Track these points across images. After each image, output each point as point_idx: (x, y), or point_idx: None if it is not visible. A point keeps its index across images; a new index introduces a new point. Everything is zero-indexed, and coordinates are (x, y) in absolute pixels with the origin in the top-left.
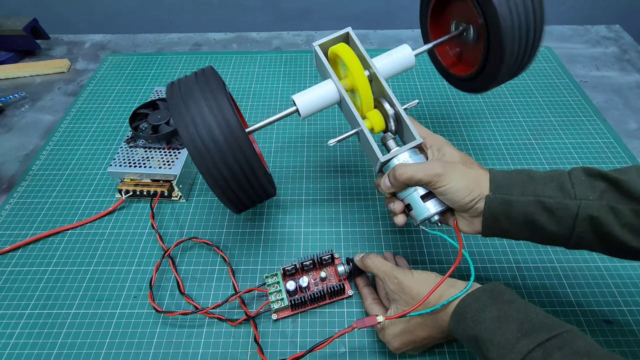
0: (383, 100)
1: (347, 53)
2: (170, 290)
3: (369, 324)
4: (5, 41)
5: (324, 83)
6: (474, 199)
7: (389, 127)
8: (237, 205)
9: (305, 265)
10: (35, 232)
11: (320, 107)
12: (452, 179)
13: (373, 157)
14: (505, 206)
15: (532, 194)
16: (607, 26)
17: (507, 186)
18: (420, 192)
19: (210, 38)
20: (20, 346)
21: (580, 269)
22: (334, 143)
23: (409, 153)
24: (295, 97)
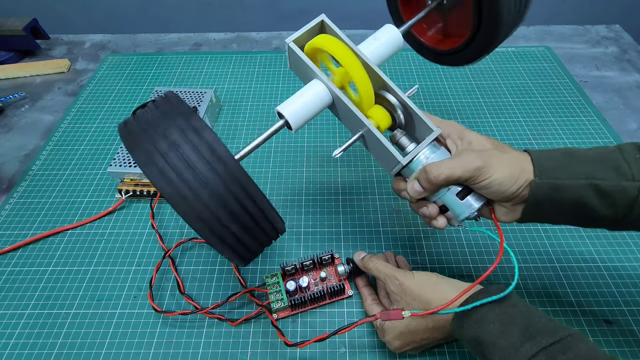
0: (383, 92)
1: (333, 43)
2: (170, 290)
3: (393, 318)
4: (5, 41)
5: (310, 85)
6: (521, 187)
7: (398, 121)
8: (244, 256)
9: (305, 265)
10: (35, 232)
11: (312, 114)
12: (494, 169)
13: (389, 160)
14: (553, 192)
15: (583, 177)
16: (607, 26)
17: (554, 169)
18: (455, 190)
19: (210, 38)
20: (20, 346)
21: (580, 269)
22: (340, 154)
23: (429, 148)
24: (281, 108)
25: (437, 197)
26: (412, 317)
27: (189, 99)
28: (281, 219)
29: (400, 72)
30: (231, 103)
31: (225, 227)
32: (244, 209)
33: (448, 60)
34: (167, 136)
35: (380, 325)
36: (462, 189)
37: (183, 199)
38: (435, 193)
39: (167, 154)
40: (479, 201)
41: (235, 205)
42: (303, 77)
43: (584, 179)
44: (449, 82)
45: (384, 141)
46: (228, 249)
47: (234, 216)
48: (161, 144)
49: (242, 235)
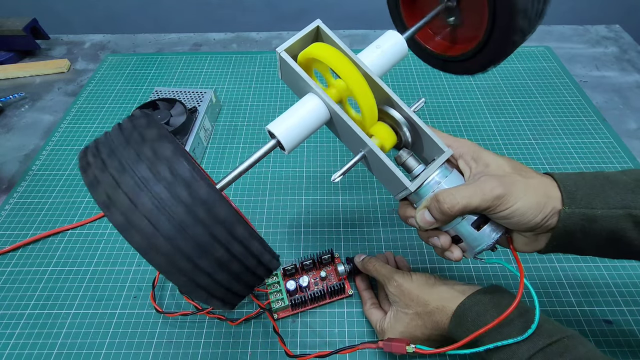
0: (387, 107)
1: (330, 52)
2: (170, 290)
3: (395, 350)
4: (5, 41)
5: (305, 100)
6: (546, 216)
7: (404, 140)
8: (230, 302)
9: (305, 264)
10: (35, 232)
11: (307, 132)
12: (516, 197)
13: (395, 184)
14: (586, 222)
15: (620, 206)
16: (607, 26)
17: (586, 196)
18: (471, 219)
19: (210, 38)
20: (20, 346)
21: (580, 269)
22: (339, 178)
23: (440, 172)
24: (272, 126)
25: (449, 227)
26: (411, 317)
27: (189, 99)
28: (275, 255)
29: (399, 73)
30: (231, 103)
31: (211, 278)
32: (232, 254)
33: (456, 68)
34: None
35: (380, 328)
36: (478, 218)
37: (157, 251)
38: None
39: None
40: (497, 231)
41: (222, 251)
42: (297, 90)
43: (621, 208)
44: (449, 82)
45: (389, 164)
46: (214, 300)
47: (220, 264)
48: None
49: (230, 283)
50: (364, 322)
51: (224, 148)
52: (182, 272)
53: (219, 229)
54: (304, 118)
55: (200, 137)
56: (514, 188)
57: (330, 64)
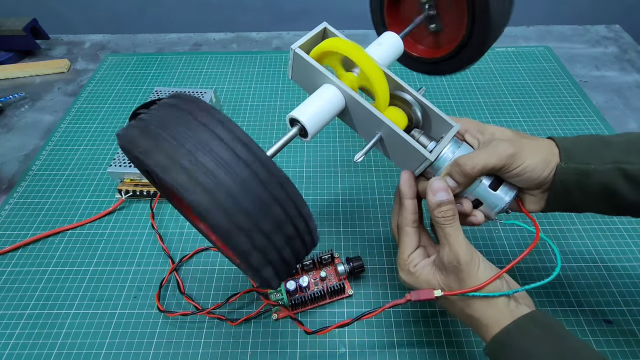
0: (398, 92)
1: (346, 44)
2: (170, 291)
3: (424, 298)
4: (5, 41)
5: (322, 89)
6: (552, 171)
7: (415, 120)
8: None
9: (305, 265)
10: (35, 232)
11: (327, 119)
12: (527, 155)
13: (414, 159)
14: (581, 177)
15: (611, 161)
16: (607, 26)
17: (581, 154)
18: (487, 182)
19: (210, 38)
20: (20, 346)
21: (580, 269)
22: (361, 158)
23: (453, 144)
24: (296, 113)
25: (468, 193)
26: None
27: None
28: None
29: (398, 74)
30: (231, 103)
31: (268, 239)
32: (287, 215)
33: (440, 68)
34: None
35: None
36: (494, 180)
37: (220, 208)
38: (467, 188)
39: (195, 154)
40: (512, 190)
41: (279, 210)
42: (310, 84)
43: (612, 163)
44: (449, 82)
45: (408, 138)
46: (269, 268)
47: (277, 225)
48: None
49: (284, 248)
50: (363, 322)
51: None
52: (243, 231)
53: (277, 189)
54: (324, 105)
55: None
56: (523, 147)
57: (347, 53)
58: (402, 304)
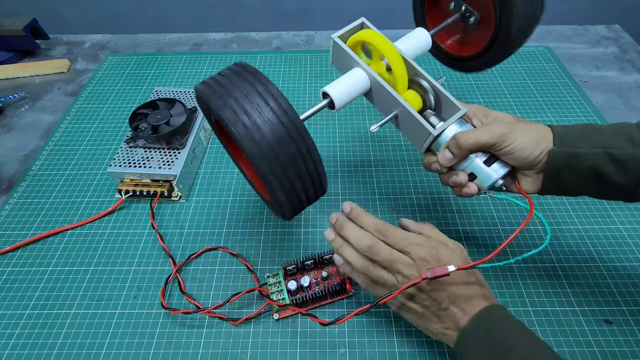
0: (418, 78)
1: (376, 36)
2: (171, 290)
3: (439, 274)
4: (5, 41)
5: (352, 72)
6: (542, 152)
7: (429, 104)
8: (295, 208)
9: (307, 264)
10: (35, 232)
11: (353, 96)
12: (518, 135)
13: (421, 134)
14: (572, 159)
15: (600, 146)
16: (607, 26)
17: (573, 139)
18: (482, 158)
19: (210, 38)
20: (20, 346)
21: (580, 269)
22: (377, 129)
23: (456, 124)
24: (327, 88)
25: (465, 166)
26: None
27: (189, 99)
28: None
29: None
30: None
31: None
32: (307, 169)
33: (460, 65)
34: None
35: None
36: (489, 157)
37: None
38: (464, 161)
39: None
40: (504, 168)
41: (302, 165)
42: (343, 67)
43: (601, 148)
44: (449, 82)
45: (417, 116)
46: (288, 204)
47: (299, 174)
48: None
49: (301, 192)
50: (363, 322)
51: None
52: (275, 176)
53: (303, 148)
54: (352, 84)
55: (200, 137)
56: (516, 128)
57: (375, 43)
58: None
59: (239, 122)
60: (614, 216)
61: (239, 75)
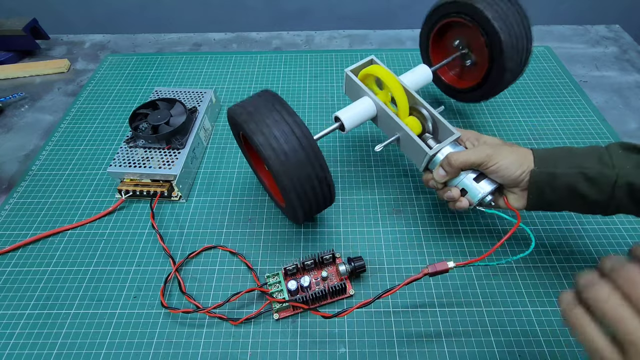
0: (418, 106)
1: (383, 71)
2: (171, 290)
3: (440, 269)
4: (5, 41)
5: (362, 100)
6: (524, 172)
7: (427, 128)
8: (307, 216)
9: (307, 264)
10: (35, 232)
11: (361, 120)
12: (501, 156)
13: (419, 154)
14: (550, 178)
15: (575, 167)
16: (607, 26)
17: (551, 160)
18: (472, 176)
19: (210, 38)
20: (20, 346)
21: (580, 269)
22: (381, 148)
23: (450, 146)
24: (339, 114)
25: (457, 182)
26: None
27: (189, 99)
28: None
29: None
30: (231, 103)
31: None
32: (319, 182)
33: (458, 96)
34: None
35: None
36: (477, 175)
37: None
38: (456, 178)
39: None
40: (491, 185)
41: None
42: (353, 96)
43: (575, 168)
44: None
45: (416, 138)
46: (301, 210)
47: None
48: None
49: (313, 202)
50: (363, 322)
51: (224, 148)
52: (295, 190)
53: (318, 167)
54: (360, 111)
55: (200, 137)
56: (501, 151)
57: (381, 76)
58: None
59: (269, 146)
60: (614, 217)
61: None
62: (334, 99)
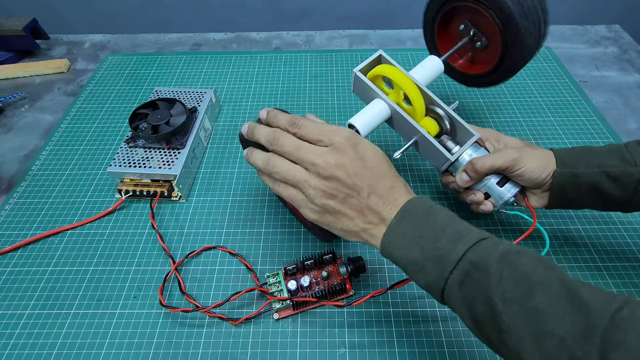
0: (433, 106)
1: (393, 71)
2: (171, 290)
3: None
4: (5, 41)
5: (374, 103)
6: (549, 175)
7: (444, 129)
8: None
9: (307, 264)
10: (35, 232)
11: (376, 124)
12: (527, 160)
13: (440, 158)
14: (573, 178)
15: (596, 166)
16: (607, 26)
17: (573, 161)
18: (495, 180)
19: (210, 38)
20: (20, 346)
21: (580, 269)
22: (399, 155)
23: (471, 149)
24: (353, 121)
25: (481, 186)
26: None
27: (189, 99)
28: None
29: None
30: (231, 103)
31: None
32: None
33: (472, 82)
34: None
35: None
36: (501, 178)
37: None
38: (480, 182)
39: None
40: (515, 187)
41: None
42: (365, 98)
43: (597, 167)
44: (449, 82)
45: (436, 143)
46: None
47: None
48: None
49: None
50: (363, 322)
51: (224, 148)
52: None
53: None
54: (374, 115)
55: (200, 137)
56: (526, 154)
57: (394, 78)
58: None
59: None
60: (617, 222)
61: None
62: (334, 98)
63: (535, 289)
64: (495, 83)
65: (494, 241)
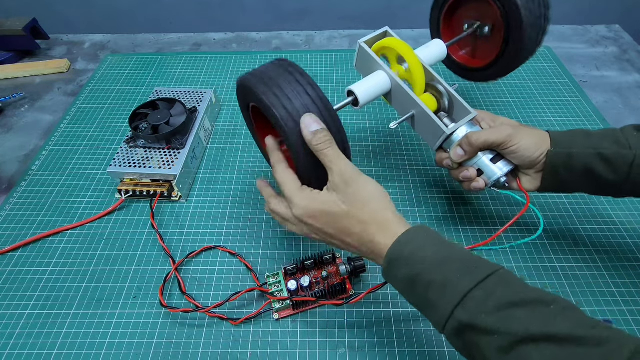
0: (434, 83)
1: (399, 44)
2: (171, 291)
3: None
4: (5, 41)
5: (376, 74)
6: (542, 154)
7: (443, 106)
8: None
9: (307, 264)
10: (35, 232)
11: (376, 95)
12: (522, 137)
13: (435, 132)
14: (566, 158)
15: (591, 147)
16: (607, 26)
17: (567, 142)
18: (489, 156)
19: (210, 38)
20: (20, 346)
21: (580, 269)
22: (396, 125)
23: (467, 126)
24: (353, 87)
25: (474, 162)
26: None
27: (189, 99)
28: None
29: None
30: (231, 103)
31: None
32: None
33: (470, 76)
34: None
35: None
36: (495, 156)
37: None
38: (473, 158)
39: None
40: (508, 166)
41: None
42: (367, 70)
43: (592, 149)
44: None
45: (433, 116)
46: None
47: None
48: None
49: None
50: (363, 322)
51: (224, 148)
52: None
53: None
54: (375, 85)
55: (200, 137)
56: (521, 131)
57: (400, 50)
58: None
59: (281, 106)
60: (614, 216)
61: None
62: (334, 99)
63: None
64: (495, 77)
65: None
